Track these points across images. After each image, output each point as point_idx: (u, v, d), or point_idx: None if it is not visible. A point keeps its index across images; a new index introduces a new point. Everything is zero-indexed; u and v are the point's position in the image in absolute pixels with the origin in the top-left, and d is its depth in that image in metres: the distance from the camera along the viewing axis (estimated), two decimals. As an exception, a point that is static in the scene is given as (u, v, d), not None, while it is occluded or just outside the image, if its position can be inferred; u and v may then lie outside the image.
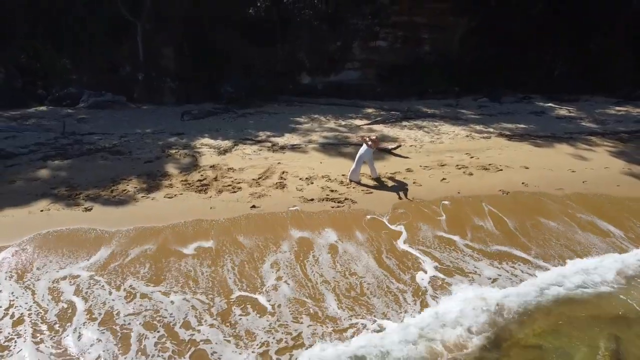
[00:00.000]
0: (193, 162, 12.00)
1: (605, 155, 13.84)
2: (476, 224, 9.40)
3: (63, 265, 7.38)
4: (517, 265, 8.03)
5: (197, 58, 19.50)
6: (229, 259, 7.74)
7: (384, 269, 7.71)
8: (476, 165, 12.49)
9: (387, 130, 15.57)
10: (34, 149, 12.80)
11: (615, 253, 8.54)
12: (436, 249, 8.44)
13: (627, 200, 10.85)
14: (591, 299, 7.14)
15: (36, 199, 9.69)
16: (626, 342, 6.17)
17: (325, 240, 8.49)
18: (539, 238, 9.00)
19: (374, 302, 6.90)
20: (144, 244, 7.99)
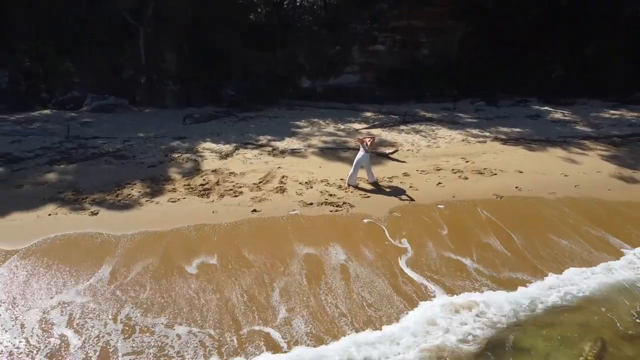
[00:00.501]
0: (195, 167, 12.30)
1: (597, 159, 14.15)
2: (466, 225, 9.71)
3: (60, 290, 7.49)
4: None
5: (198, 61, 19.79)
6: (235, 282, 7.79)
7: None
8: (471, 169, 12.80)
9: (385, 134, 15.88)
10: (40, 153, 13.09)
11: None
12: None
13: (619, 205, 11.15)
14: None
15: (44, 203, 9.97)
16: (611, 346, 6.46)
17: (326, 254, 8.78)
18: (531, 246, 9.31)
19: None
20: (147, 257, 8.11)
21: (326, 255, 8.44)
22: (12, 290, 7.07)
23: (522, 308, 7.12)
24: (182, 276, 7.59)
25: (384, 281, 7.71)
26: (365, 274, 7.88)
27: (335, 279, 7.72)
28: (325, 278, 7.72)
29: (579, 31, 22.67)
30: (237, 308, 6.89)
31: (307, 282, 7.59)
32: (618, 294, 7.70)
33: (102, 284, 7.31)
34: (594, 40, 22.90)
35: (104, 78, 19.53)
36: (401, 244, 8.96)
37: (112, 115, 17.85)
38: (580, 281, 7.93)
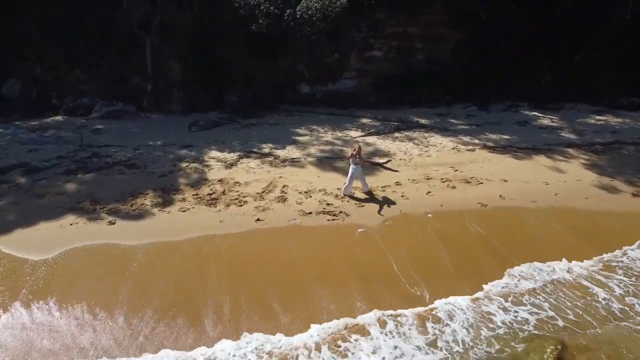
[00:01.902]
0: (202, 177, 13.13)
1: (579, 167, 14.98)
2: (452, 234, 10.59)
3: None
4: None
5: (202, 70, 20.53)
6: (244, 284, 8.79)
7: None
8: (459, 178, 13.64)
9: (380, 142, 16.69)
10: (56, 162, 13.90)
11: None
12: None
13: (598, 215, 11.97)
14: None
15: (65, 213, 10.82)
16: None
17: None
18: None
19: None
20: (164, 269, 9.08)
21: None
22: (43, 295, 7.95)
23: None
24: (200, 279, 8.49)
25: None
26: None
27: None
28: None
29: (569, 39, 23.42)
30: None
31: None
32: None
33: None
34: (583, 48, 23.65)
35: (112, 86, 20.27)
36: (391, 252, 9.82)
37: (121, 122, 18.61)
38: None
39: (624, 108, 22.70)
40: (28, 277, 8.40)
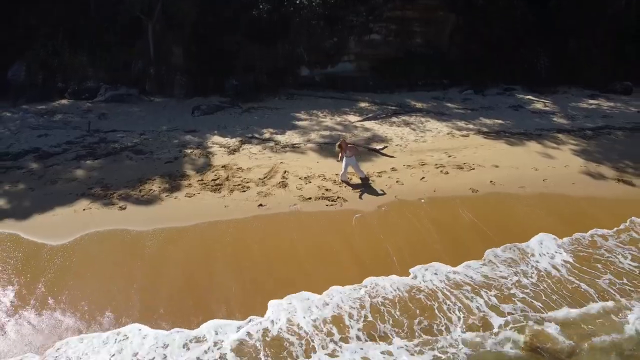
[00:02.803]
0: (207, 162, 13.63)
1: (568, 153, 15.45)
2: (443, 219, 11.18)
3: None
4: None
5: (204, 54, 20.77)
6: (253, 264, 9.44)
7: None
8: (453, 164, 14.14)
9: (378, 127, 17.13)
10: (66, 147, 14.39)
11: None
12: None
13: (583, 201, 12.53)
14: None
15: (77, 199, 11.38)
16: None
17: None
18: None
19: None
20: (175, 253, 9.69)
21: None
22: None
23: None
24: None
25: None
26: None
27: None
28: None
29: (565, 24, 23.60)
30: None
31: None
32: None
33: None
34: (578, 32, 23.84)
35: (115, 70, 20.56)
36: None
37: (126, 106, 18.96)
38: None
39: (617, 92, 23.03)
40: (48, 261, 8.99)
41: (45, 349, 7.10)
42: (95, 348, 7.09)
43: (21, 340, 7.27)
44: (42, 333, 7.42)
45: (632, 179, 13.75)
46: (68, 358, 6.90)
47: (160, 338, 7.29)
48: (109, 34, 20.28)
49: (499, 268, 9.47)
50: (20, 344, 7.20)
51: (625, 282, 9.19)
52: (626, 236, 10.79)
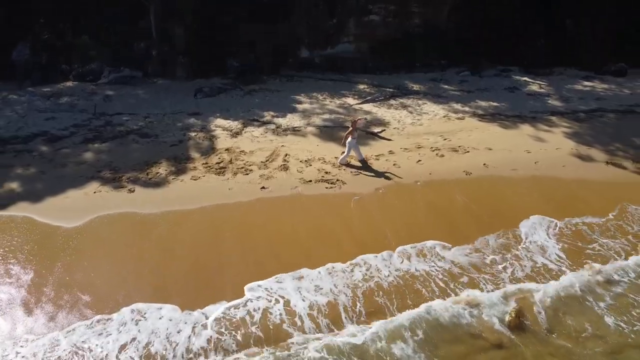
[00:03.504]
0: (211, 146, 13.97)
1: (560, 136, 15.80)
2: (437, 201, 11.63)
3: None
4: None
5: (205, 35, 20.87)
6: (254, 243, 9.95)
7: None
8: (448, 147, 14.50)
9: (376, 110, 17.41)
10: (73, 130, 14.68)
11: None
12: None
13: (573, 183, 12.94)
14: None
15: (88, 181, 11.75)
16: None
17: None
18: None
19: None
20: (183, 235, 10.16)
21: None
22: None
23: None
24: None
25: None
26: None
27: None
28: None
29: (562, 4, 23.63)
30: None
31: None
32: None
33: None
34: (575, 13, 23.88)
35: (118, 51, 20.68)
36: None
37: (129, 87, 19.15)
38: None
39: (612, 74, 23.20)
40: (63, 243, 9.43)
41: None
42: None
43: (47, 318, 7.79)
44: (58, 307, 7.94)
45: (621, 162, 14.15)
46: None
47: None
48: (111, 15, 20.31)
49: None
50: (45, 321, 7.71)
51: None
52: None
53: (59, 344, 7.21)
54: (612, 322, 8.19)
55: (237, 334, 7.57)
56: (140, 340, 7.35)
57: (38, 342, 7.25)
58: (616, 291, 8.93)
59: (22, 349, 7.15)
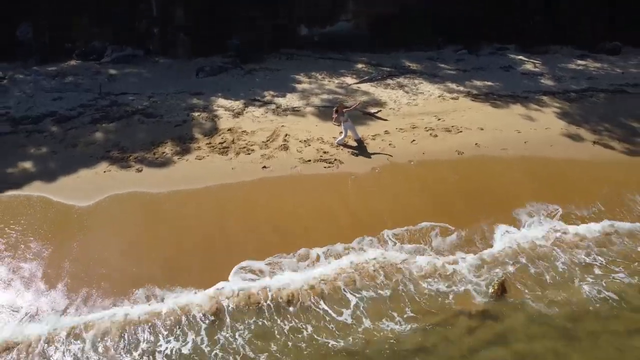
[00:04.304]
0: (214, 126, 14.38)
1: (550, 116, 16.15)
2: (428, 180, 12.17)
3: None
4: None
5: (206, 14, 21.00)
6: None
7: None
8: (441, 127, 14.90)
9: (373, 90, 17.71)
10: (81, 111, 15.05)
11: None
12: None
13: (561, 163, 13.41)
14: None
15: (98, 161, 12.27)
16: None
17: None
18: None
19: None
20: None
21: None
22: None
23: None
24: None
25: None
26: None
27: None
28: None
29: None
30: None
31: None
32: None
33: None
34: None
35: (120, 30, 20.83)
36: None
37: (131, 66, 19.41)
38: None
39: (605, 52, 23.34)
40: (78, 221, 10.01)
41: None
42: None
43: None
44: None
45: (609, 142, 14.60)
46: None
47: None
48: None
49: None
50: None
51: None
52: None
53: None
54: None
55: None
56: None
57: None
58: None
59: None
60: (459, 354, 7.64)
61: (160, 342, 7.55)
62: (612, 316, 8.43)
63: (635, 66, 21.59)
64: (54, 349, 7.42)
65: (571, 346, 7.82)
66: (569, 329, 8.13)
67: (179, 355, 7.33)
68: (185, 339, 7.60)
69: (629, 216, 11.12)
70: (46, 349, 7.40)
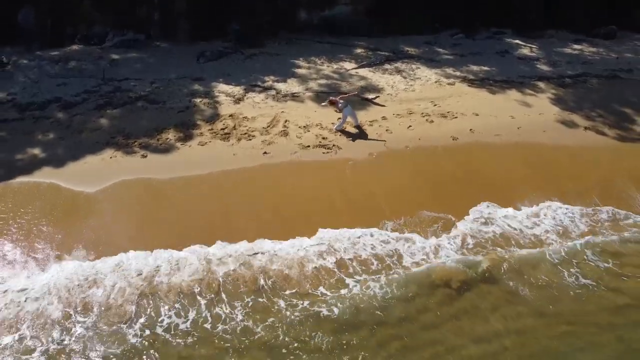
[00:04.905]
0: (215, 112, 14.62)
1: (545, 101, 16.38)
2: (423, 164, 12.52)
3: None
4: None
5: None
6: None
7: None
8: (437, 113, 15.16)
9: (371, 75, 17.88)
10: (85, 97, 15.24)
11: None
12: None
13: (553, 149, 13.70)
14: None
15: (104, 148, 12.54)
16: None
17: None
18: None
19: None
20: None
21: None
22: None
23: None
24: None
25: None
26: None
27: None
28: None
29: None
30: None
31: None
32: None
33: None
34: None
35: (121, 14, 20.87)
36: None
37: (133, 51, 19.49)
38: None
39: (602, 37, 23.42)
40: (87, 207, 10.37)
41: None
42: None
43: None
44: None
45: (602, 128, 14.90)
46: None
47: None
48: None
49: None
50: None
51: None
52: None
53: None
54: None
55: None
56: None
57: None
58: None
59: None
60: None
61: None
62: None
63: (630, 51, 21.75)
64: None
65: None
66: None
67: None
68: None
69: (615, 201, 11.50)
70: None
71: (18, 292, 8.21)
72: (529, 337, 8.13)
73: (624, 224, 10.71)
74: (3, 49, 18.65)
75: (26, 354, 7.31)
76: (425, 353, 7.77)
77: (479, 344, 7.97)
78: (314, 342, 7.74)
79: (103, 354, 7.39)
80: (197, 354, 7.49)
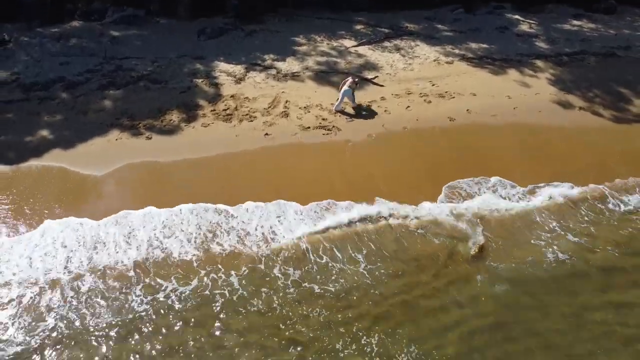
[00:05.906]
0: (217, 92, 14.68)
1: (541, 81, 16.43)
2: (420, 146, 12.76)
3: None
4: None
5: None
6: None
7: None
8: (435, 93, 15.24)
9: (370, 53, 17.81)
10: (88, 76, 15.22)
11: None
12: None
13: (548, 129, 13.91)
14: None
15: (109, 129, 12.68)
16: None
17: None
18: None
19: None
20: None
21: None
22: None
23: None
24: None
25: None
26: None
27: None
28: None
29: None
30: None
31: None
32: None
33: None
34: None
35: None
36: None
37: (133, 27, 19.33)
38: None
39: (601, 11, 23.20)
40: (95, 191, 10.66)
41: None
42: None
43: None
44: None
45: (597, 108, 15.07)
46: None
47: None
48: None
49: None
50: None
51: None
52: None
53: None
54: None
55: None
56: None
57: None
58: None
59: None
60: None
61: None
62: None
63: (628, 27, 21.61)
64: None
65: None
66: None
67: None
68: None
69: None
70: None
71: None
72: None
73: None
74: (4, 25, 18.50)
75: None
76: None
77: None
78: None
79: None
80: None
